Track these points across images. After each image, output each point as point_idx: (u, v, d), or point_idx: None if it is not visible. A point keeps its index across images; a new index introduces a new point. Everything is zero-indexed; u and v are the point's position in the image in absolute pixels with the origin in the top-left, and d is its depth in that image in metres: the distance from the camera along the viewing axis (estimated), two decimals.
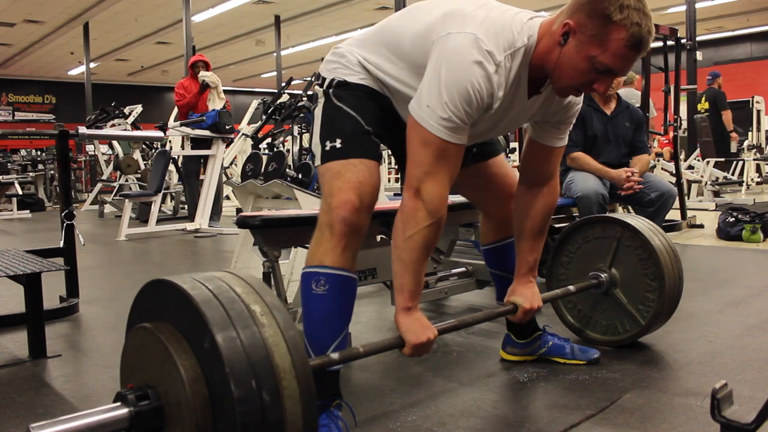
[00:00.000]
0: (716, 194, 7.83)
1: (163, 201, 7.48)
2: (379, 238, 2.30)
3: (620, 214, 2.26)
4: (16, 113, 18.69)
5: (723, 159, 8.17)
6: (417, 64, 1.46)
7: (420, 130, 1.40)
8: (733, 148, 8.07)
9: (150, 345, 1.08)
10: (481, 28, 1.38)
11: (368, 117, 1.55)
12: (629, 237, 2.04)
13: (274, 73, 15.02)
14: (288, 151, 8.11)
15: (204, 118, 5.97)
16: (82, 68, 15.17)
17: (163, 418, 1.06)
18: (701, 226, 5.27)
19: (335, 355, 1.35)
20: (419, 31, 1.47)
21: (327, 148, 1.53)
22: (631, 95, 5.38)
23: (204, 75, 6.17)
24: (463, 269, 2.71)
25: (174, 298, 1.08)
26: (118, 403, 1.07)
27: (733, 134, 8.01)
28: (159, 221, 6.19)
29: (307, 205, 3.11)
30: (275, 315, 1.06)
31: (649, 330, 2.05)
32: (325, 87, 1.61)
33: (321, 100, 1.62)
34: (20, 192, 8.91)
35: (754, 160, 9.19)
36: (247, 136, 7.80)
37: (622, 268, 2.06)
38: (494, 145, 1.85)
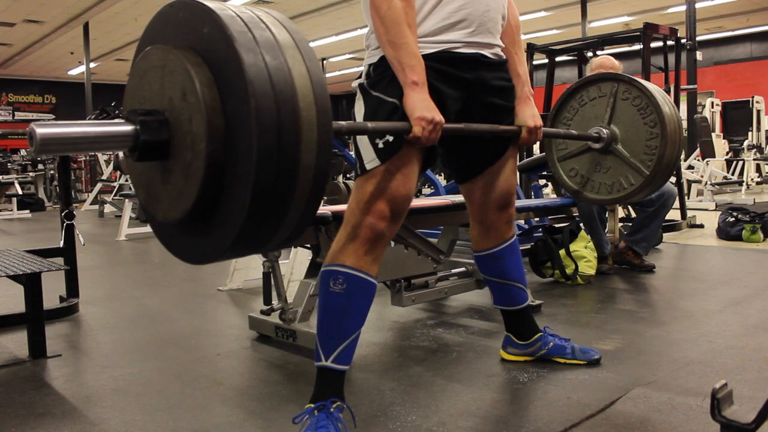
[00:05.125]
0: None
1: None
2: None
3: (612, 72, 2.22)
4: (16, 113, 18.70)
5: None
6: None
7: None
8: None
9: (151, 66, 1.03)
10: None
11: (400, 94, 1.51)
12: (625, 89, 2.00)
13: None
14: None
15: None
16: (82, 68, 15.15)
17: (169, 129, 1.00)
18: (701, 226, 5.27)
19: (343, 124, 1.33)
20: None
21: (380, 145, 1.50)
22: None
23: None
24: (463, 269, 2.71)
25: (176, 13, 1.02)
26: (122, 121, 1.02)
27: None
28: None
29: None
30: (284, 24, 1.02)
31: (654, 180, 1.99)
32: (362, 79, 1.60)
33: (359, 96, 1.60)
34: (20, 192, 8.91)
35: (754, 160, 9.21)
36: None
37: (621, 122, 2.02)
38: (509, 141, 1.81)
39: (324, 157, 0.99)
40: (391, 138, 1.50)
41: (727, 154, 9.91)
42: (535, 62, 5.75)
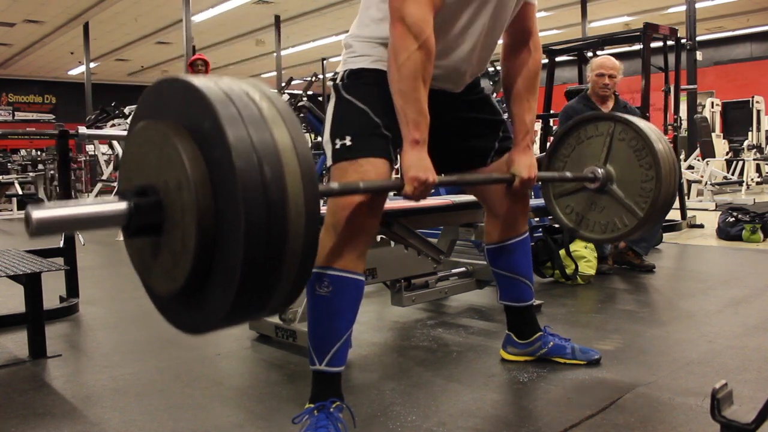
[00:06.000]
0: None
1: None
2: (379, 238, 2.31)
3: (610, 112, 2.25)
4: (16, 113, 18.71)
5: None
6: None
7: None
8: None
9: (149, 140, 1.05)
10: None
11: (378, 108, 1.54)
12: (622, 130, 2.01)
13: (274, 73, 15.01)
14: None
15: None
16: (82, 68, 15.16)
17: (162, 213, 1.03)
18: (701, 226, 5.27)
19: (334, 185, 1.35)
20: None
21: (337, 146, 1.53)
22: None
23: None
24: (463, 269, 2.71)
25: (176, 92, 1.04)
26: (117, 197, 1.04)
27: None
28: None
29: None
30: (273, 100, 1.03)
31: (648, 222, 2.00)
32: (338, 80, 1.61)
33: (333, 96, 1.62)
34: (20, 192, 8.91)
35: (754, 160, 9.21)
36: None
37: (617, 162, 2.03)
38: (511, 141, 1.84)
39: (308, 268, 1.02)
40: (348, 141, 1.51)
41: (727, 154, 9.91)
42: None
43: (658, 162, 1.93)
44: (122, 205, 1.02)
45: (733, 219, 4.65)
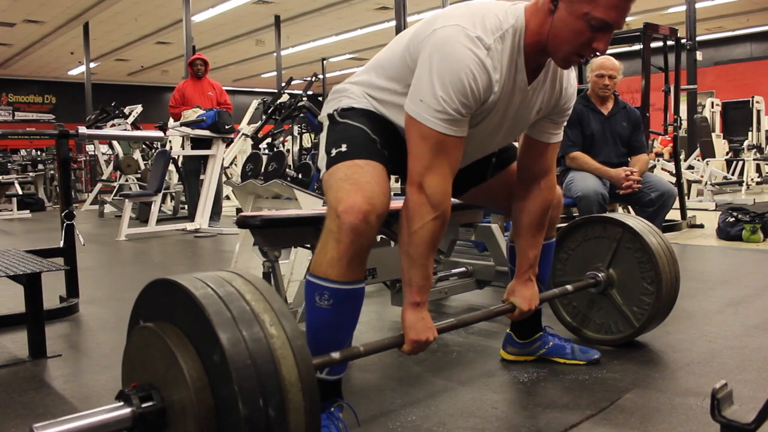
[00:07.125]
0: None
1: (163, 201, 7.48)
2: (379, 238, 2.30)
3: (621, 214, 2.27)
4: (16, 113, 18.72)
5: None
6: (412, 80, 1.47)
7: (417, 126, 1.40)
8: None
9: (155, 346, 1.07)
10: (465, 19, 1.40)
11: (374, 129, 1.54)
12: (629, 239, 2.04)
13: (274, 73, 15.01)
14: (288, 151, 8.12)
15: (204, 118, 5.97)
16: (82, 68, 15.16)
17: (165, 420, 1.05)
18: (701, 226, 5.27)
19: (336, 355, 1.35)
20: (406, 43, 1.50)
21: (333, 154, 1.50)
22: None
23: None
24: (463, 269, 2.70)
25: (182, 301, 1.06)
26: (121, 403, 1.06)
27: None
28: (159, 221, 6.19)
29: (307, 205, 3.11)
30: (284, 324, 1.05)
31: (643, 332, 2.06)
32: (330, 112, 1.61)
33: (325, 125, 1.61)
34: (20, 192, 8.91)
35: (754, 160, 9.20)
36: (247, 136, 7.80)
37: (620, 269, 2.06)
38: (511, 151, 1.84)
39: None
40: (344, 148, 1.49)
41: (727, 154, 9.90)
42: None
43: (660, 280, 1.98)
44: (126, 412, 1.05)
45: (733, 219, 4.65)
